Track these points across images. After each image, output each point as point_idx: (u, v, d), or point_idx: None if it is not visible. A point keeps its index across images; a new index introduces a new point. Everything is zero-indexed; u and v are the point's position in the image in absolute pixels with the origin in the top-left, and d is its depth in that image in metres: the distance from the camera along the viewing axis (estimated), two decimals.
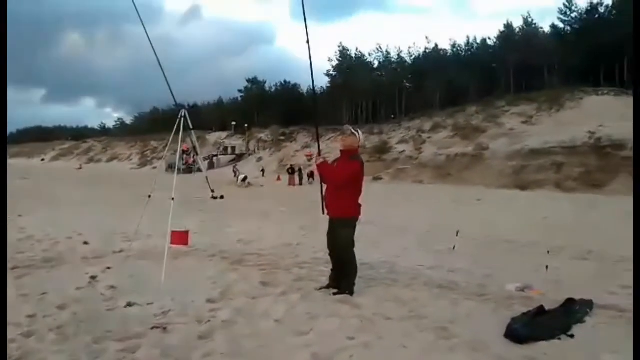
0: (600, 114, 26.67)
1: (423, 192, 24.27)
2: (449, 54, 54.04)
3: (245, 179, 29.73)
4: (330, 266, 4.76)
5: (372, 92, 53.30)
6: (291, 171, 32.20)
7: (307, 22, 4.98)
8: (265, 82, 72.30)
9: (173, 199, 5.21)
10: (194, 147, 5.98)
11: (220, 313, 3.97)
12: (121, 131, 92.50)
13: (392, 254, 6.97)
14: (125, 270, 5.48)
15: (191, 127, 5.53)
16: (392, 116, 48.73)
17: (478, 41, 53.64)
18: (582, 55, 37.91)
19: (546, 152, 25.58)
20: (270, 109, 62.95)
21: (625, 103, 27.58)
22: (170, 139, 5.78)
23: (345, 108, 53.88)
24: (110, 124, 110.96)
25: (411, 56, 55.95)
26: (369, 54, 58.80)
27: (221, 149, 55.21)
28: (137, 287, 4.72)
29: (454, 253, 7.27)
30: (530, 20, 48.35)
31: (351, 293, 4.43)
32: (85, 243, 7.27)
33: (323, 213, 5.04)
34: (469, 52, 53.59)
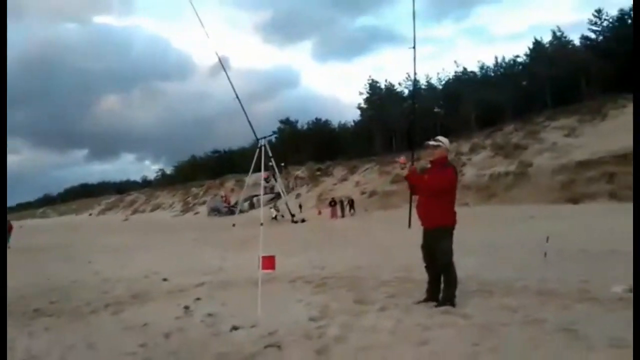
0: None
1: (471, 213, 23.68)
2: (478, 76, 53.87)
3: (276, 216, 29.50)
4: (427, 279, 4.66)
5: (405, 121, 53.39)
6: (333, 203, 32.16)
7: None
8: (297, 122, 73.70)
9: (262, 224, 5.28)
10: (274, 175, 6.08)
11: (328, 330, 3.92)
12: (162, 181, 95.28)
13: (471, 269, 6.76)
14: (216, 299, 5.54)
15: (270, 155, 5.67)
16: (425, 142, 48.27)
17: (506, 60, 53.39)
18: (618, 63, 37.04)
19: (595, 163, 24.69)
20: (304, 146, 63.84)
21: None
22: (251, 170, 5.94)
23: (379, 138, 54.00)
24: (151, 175, 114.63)
25: (441, 81, 56.12)
26: (399, 84, 59.29)
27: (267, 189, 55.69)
28: (234, 313, 4.76)
29: (535, 264, 7.01)
30: (559, 33, 47.92)
31: (453, 304, 4.31)
32: (164, 280, 7.42)
33: (409, 226, 5.00)
34: (499, 72, 53.27)
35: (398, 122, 53.08)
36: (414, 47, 5.35)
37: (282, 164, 55.98)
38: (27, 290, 7.39)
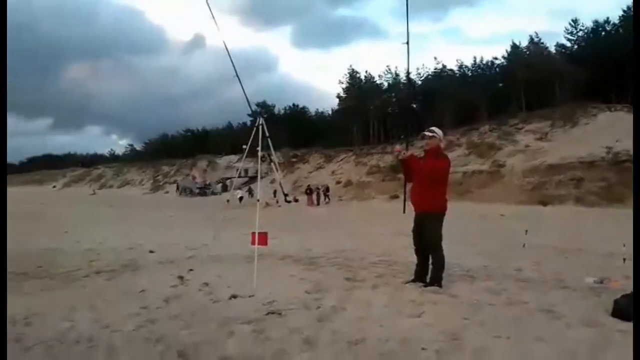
0: (615, 129, 26.86)
1: None
2: (457, 74, 54.75)
3: (241, 198, 29.38)
4: (414, 261, 4.93)
5: (383, 113, 53.90)
6: (309, 191, 32.38)
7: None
8: (274, 106, 73.26)
9: (259, 200, 5.43)
10: (269, 155, 6.19)
11: (325, 302, 4.14)
12: (132, 157, 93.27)
13: (451, 256, 7.09)
14: (208, 271, 5.68)
15: (267, 134, 5.77)
16: (402, 136, 49.01)
17: (484, 62, 54.43)
18: (591, 72, 38.41)
19: (565, 168, 25.71)
20: (280, 132, 63.60)
21: None
22: (247, 148, 6.02)
23: (356, 129, 54.38)
24: (118, 150, 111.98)
25: (420, 77, 56.71)
26: (379, 76, 59.63)
27: (239, 171, 55.43)
28: (229, 284, 4.91)
29: (510, 256, 7.41)
30: (537, 39, 49.18)
31: (440, 285, 4.59)
32: (151, 252, 7.49)
33: (404, 212, 5.25)
34: (476, 72, 54.28)
35: (376, 114, 53.61)
36: (407, 43, 5.51)
37: (257, 149, 55.69)
38: (8, 255, 7.32)
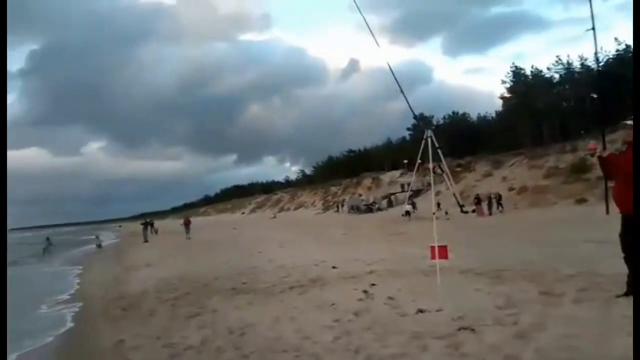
0: None
1: None
2: None
3: (407, 213, 28.66)
4: (625, 272, 4.28)
5: (556, 109, 48.53)
6: (478, 201, 30.64)
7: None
8: (432, 117, 71.73)
9: (434, 213, 5.39)
10: (440, 166, 6.10)
11: (521, 317, 3.86)
12: (303, 181, 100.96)
13: None
14: (390, 285, 5.79)
15: (437, 145, 5.71)
16: (582, 132, 43.29)
17: None
18: None
19: None
20: (441, 141, 61.78)
21: None
22: (417, 162, 6.04)
23: (526, 129, 49.89)
24: (292, 176, 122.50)
25: (599, 62, 49.64)
26: (548, 69, 54.05)
27: (405, 186, 55.56)
28: (413, 298, 4.93)
29: None
30: None
31: None
32: (334, 267, 7.95)
33: (607, 212, 4.65)
34: None
35: (548, 110, 48.56)
36: (593, 29, 4.97)
37: (419, 161, 54.90)
38: (218, 273, 8.56)
